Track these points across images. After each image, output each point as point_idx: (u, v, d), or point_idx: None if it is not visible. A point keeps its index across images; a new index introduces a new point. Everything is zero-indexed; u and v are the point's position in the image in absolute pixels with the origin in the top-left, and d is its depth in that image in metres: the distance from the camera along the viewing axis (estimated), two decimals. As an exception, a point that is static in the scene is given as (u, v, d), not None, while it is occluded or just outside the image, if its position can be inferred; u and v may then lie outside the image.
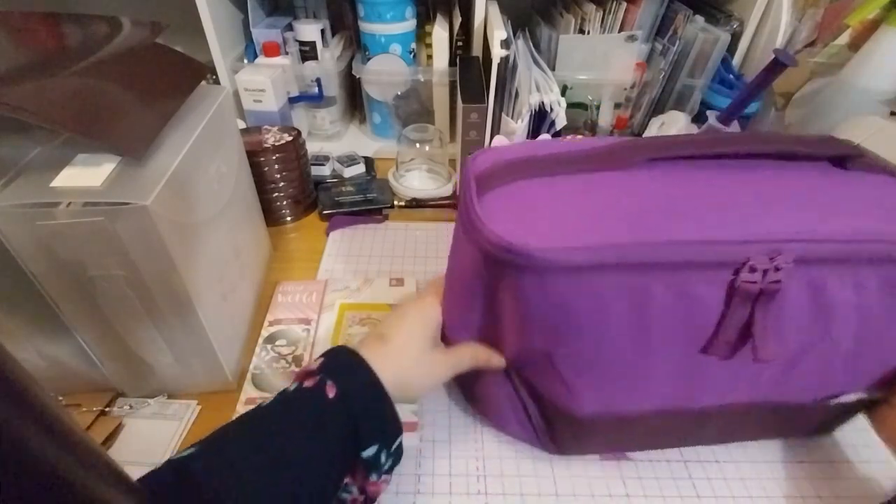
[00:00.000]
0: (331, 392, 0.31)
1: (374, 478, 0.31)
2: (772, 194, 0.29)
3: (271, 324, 0.52)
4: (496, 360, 0.37)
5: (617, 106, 0.78)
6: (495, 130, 0.68)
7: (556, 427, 0.38)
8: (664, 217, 0.28)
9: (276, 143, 0.62)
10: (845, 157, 0.33)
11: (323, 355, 0.34)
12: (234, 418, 0.31)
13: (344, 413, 0.30)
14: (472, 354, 0.37)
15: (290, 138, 0.63)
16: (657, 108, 0.78)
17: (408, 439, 0.37)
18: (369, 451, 0.31)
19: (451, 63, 0.77)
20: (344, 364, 0.33)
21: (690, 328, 0.30)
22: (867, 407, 0.38)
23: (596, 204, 0.29)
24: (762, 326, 0.28)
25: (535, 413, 0.39)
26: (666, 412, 0.35)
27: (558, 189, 0.31)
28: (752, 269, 0.26)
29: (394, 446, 0.32)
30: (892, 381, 0.34)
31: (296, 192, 0.66)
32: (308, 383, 0.31)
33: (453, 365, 0.37)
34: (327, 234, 0.65)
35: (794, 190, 0.30)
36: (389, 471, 0.33)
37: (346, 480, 0.31)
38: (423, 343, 0.37)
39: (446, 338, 0.40)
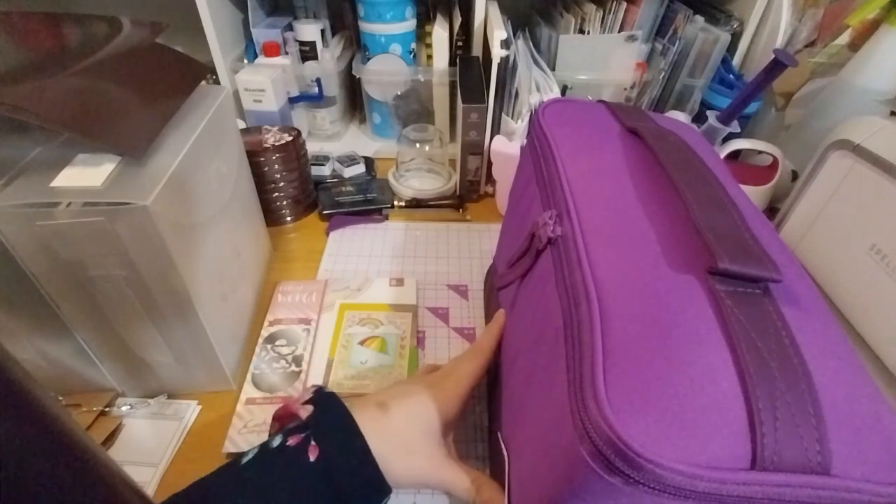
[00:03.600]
0: (312, 455, 0.29)
1: None
2: None
3: (271, 324, 0.52)
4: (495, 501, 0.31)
5: (617, 106, 0.78)
6: (495, 130, 0.68)
7: None
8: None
9: (276, 143, 0.62)
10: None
11: (314, 401, 0.32)
12: (212, 473, 0.30)
13: (325, 480, 0.29)
14: (469, 484, 0.32)
15: (290, 138, 0.63)
16: (657, 108, 0.78)
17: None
18: None
19: (451, 63, 0.77)
20: (333, 425, 0.31)
21: None
22: None
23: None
24: None
25: None
26: None
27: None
28: None
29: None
30: None
31: (296, 192, 0.66)
32: (292, 441, 0.30)
33: (444, 479, 0.33)
34: (327, 234, 0.65)
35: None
36: None
37: None
38: (423, 435, 0.33)
39: None
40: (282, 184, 0.64)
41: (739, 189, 0.32)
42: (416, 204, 0.69)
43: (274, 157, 0.62)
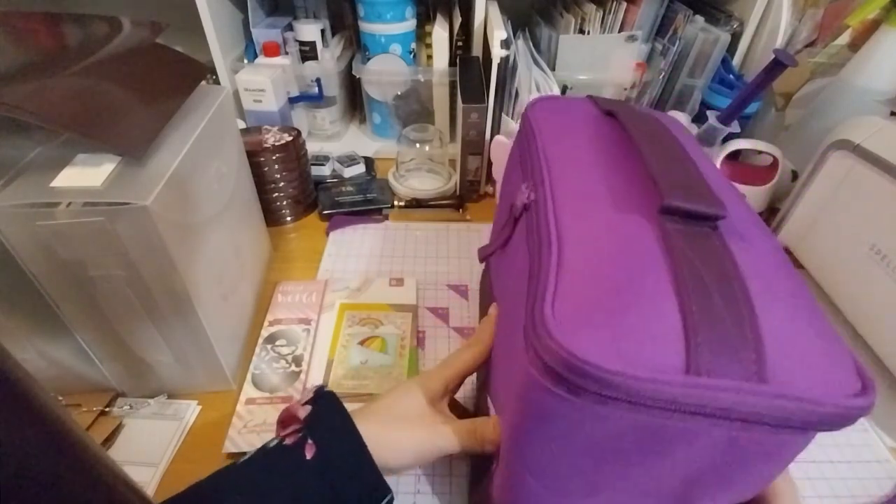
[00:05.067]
0: (309, 453, 0.29)
1: None
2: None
3: (271, 324, 0.52)
4: (488, 432, 0.31)
5: (617, 106, 0.78)
6: (495, 130, 0.68)
7: None
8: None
9: (276, 143, 0.62)
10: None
11: (312, 402, 0.32)
12: (210, 475, 0.29)
13: (322, 477, 0.29)
14: (470, 432, 0.32)
15: (290, 138, 0.63)
16: (657, 108, 0.78)
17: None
18: None
19: (451, 63, 0.77)
20: (330, 425, 0.31)
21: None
22: None
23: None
24: None
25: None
26: None
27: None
28: None
29: None
30: None
31: (296, 192, 0.66)
32: (289, 440, 0.30)
33: (445, 434, 0.32)
34: (327, 234, 0.65)
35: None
36: None
37: None
38: (415, 403, 0.33)
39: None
40: (282, 184, 0.64)
41: (706, 158, 0.34)
42: (416, 204, 0.69)
43: (274, 157, 0.62)
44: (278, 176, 0.63)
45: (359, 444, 0.30)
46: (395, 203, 0.69)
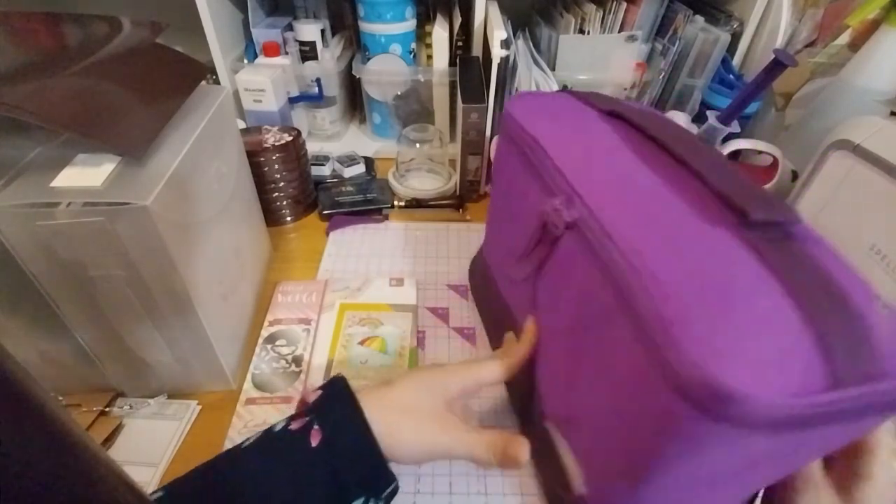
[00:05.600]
0: (315, 439, 0.29)
1: None
2: None
3: (271, 324, 0.52)
4: (514, 449, 0.30)
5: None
6: (495, 130, 0.68)
7: None
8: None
9: (276, 143, 0.62)
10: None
11: (323, 387, 0.32)
12: (212, 458, 0.29)
13: (327, 465, 0.29)
14: (488, 442, 0.31)
15: (290, 138, 0.63)
16: (657, 108, 0.78)
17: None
18: None
19: (451, 63, 0.77)
20: (336, 408, 0.31)
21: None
22: None
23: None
24: None
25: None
26: None
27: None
28: None
29: (384, 494, 0.31)
30: None
31: (296, 192, 0.66)
32: (295, 425, 0.30)
33: (460, 439, 0.32)
34: (327, 234, 0.65)
35: None
36: None
37: None
38: (430, 399, 0.33)
39: None
40: (282, 184, 0.64)
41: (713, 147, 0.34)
42: (416, 204, 0.69)
43: (274, 157, 0.62)
44: (278, 176, 0.63)
45: (366, 434, 0.30)
46: (395, 203, 0.69)
